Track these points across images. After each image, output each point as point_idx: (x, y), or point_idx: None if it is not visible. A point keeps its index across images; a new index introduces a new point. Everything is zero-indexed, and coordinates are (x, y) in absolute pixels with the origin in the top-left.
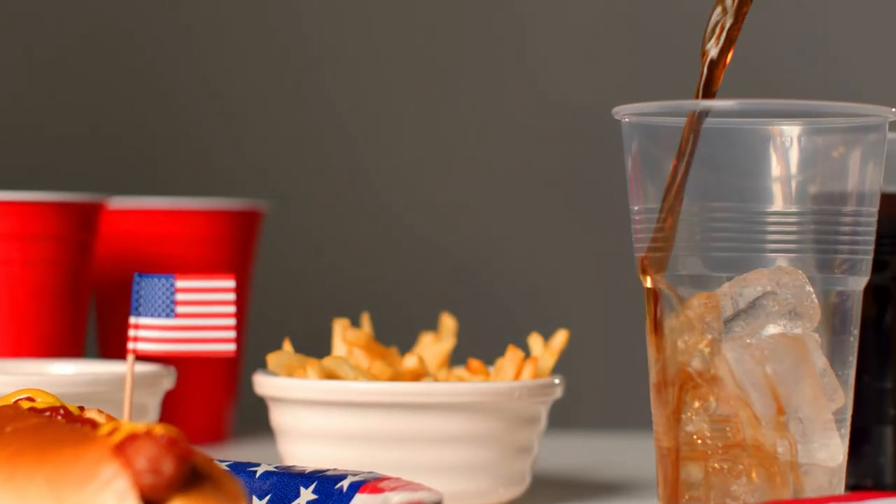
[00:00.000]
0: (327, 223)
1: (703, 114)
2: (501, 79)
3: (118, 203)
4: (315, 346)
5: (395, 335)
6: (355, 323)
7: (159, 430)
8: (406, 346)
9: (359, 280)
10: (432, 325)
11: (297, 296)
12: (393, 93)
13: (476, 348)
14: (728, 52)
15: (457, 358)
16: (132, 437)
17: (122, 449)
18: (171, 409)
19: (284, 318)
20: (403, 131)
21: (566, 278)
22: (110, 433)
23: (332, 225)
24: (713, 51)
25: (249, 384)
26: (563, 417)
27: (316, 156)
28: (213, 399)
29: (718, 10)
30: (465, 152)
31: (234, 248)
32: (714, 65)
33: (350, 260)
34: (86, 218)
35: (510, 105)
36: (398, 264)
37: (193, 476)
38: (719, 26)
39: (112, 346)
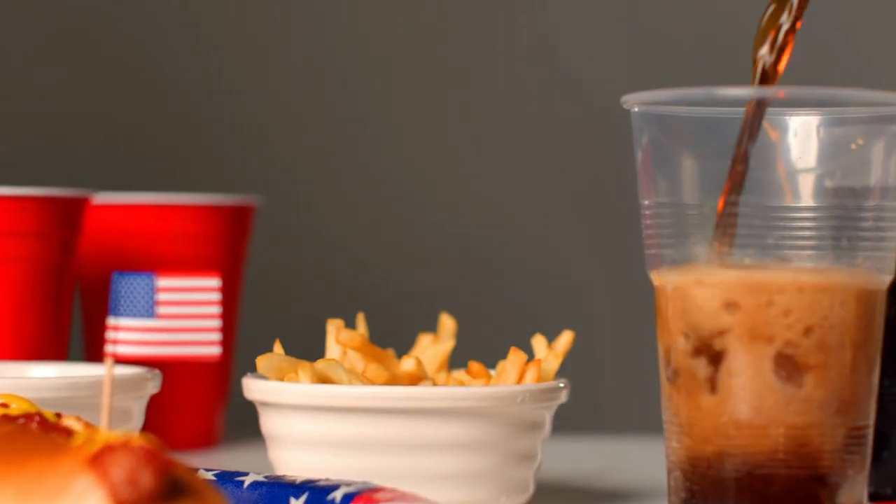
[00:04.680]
0: (322, 220)
1: (763, 103)
2: (502, 73)
3: (103, 198)
4: (308, 347)
5: (392, 336)
6: (350, 324)
7: (138, 440)
8: (403, 348)
9: (354, 279)
10: (431, 326)
11: (290, 295)
12: (390, 85)
13: (477, 350)
14: (783, 58)
15: (456, 360)
16: (109, 448)
17: (98, 460)
18: (158, 413)
19: (276, 318)
20: (402, 126)
21: (570, 277)
22: (86, 443)
23: (326, 222)
24: (766, 57)
25: (240, 387)
26: (568, 422)
27: (311, 150)
28: (203, 403)
29: (772, 10)
30: (465, 148)
31: (225, 245)
32: (767, 74)
33: (345, 258)
34: (69, 214)
35: (510, 100)
36: (395, 263)
37: (174, 489)
38: (773, 29)
39: (97, 348)
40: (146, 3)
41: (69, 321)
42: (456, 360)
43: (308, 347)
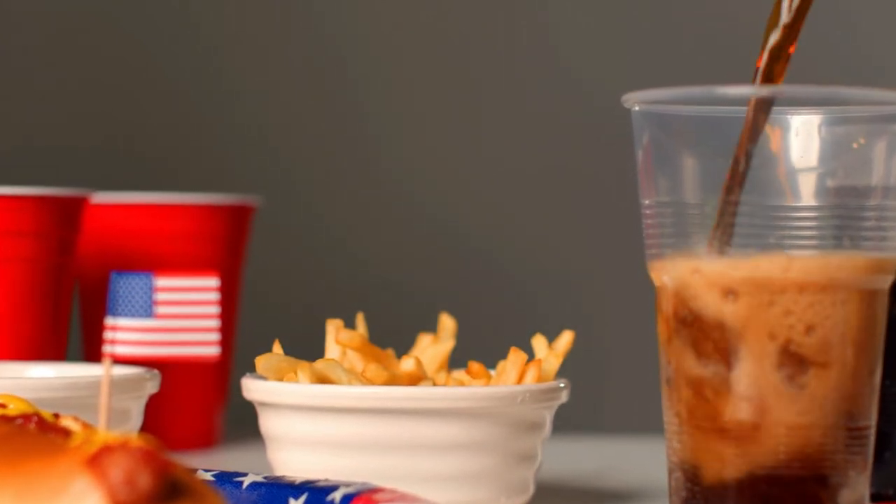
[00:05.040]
0: (321, 219)
1: (767, 102)
2: (502, 73)
3: (102, 198)
4: (307, 348)
5: (392, 336)
6: (349, 323)
7: (136, 440)
8: (403, 348)
9: (354, 279)
10: (431, 326)
11: (290, 295)
12: (390, 85)
13: (477, 350)
14: (792, 41)
15: (456, 360)
16: (107, 449)
17: (96, 461)
18: (157, 413)
19: (275, 318)
20: (401, 126)
21: (571, 277)
22: (84, 444)
23: (325, 221)
24: (774, 36)
25: (240, 387)
26: (568, 422)
27: (311, 150)
28: (202, 403)
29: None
30: (465, 148)
31: (224, 245)
32: (776, 54)
33: (345, 258)
34: (67, 213)
35: (510, 99)
36: (395, 263)
37: (172, 490)
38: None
39: (96, 348)
40: (146, 3)
41: (68, 321)
42: (456, 360)
43: (307, 347)
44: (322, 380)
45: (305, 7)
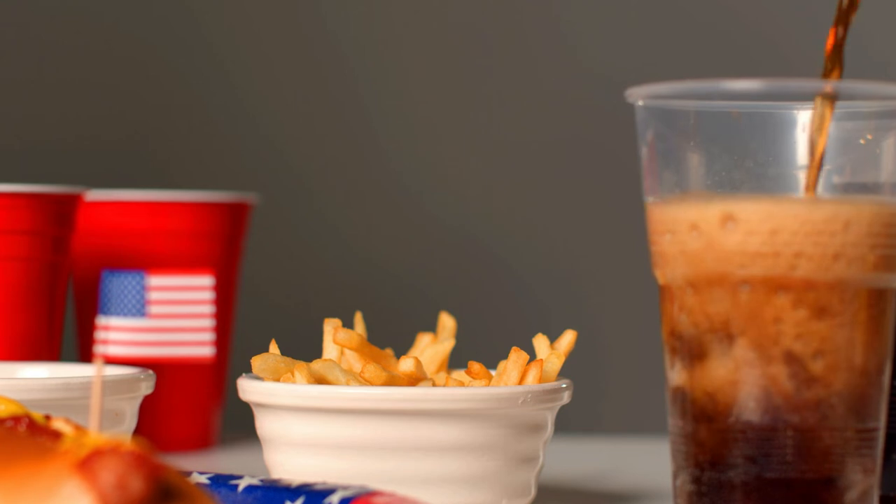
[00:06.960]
0: (319, 218)
1: (833, 95)
2: (503, 70)
3: (97, 195)
4: (304, 348)
5: (391, 336)
6: (347, 323)
7: (128, 443)
8: (402, 348)
9: (352, 278)
10: (430, 326)
11: (287, 294)
12: (389, 82)
13: (477, 350)
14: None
15: (456, 360)
16: (98, 452)
17: (87, 465)
18: (152, 414)
19: (272, 317)
20: (401, 123)
21: (573, 276)
22: (74, 447)
23: (324, 220)
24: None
25: (236, 388)
26: (570, 423)
27: (309, 148)
28: (198, 404)
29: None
30: (466, 146)
31: (220, 243)
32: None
33: (343, 257)
34: (62, 211)
35: (511, 97)
36: (394, 261)
37: (164, 494)
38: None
39: (91, 348)
40: (143, 3)
41: (62, 320)
42: (456, 360)
43: (305, 347)
44: (319, 380)
45: (304, 5)
